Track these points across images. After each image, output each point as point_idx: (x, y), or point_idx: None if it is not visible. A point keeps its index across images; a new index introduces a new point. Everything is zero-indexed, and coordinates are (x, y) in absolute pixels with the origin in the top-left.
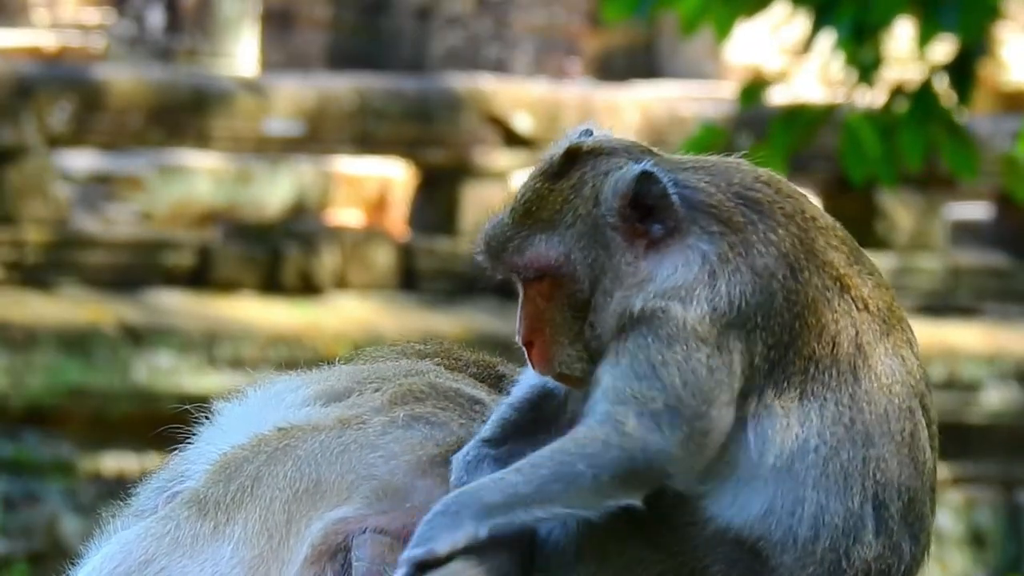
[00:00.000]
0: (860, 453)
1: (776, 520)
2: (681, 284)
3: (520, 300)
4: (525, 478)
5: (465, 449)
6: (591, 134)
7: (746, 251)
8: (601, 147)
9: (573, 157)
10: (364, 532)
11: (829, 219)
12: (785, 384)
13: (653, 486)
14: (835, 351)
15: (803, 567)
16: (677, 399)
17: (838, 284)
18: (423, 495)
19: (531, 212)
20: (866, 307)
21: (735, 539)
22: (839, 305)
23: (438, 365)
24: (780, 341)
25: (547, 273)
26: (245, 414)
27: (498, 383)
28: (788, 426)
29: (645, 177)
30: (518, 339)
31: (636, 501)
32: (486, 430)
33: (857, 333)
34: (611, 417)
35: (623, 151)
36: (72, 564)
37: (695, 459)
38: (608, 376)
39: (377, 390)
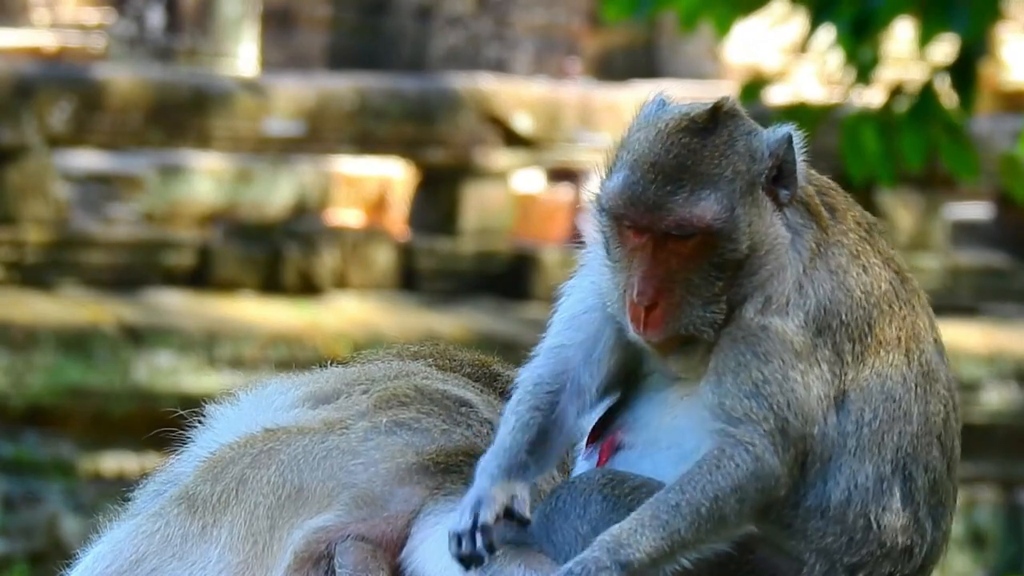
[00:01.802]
0: (897, 427)
1: (809, 483)
2: (781, 292)
3: (643, 261)
4: (687, 521)
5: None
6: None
7: (824, 251)
8: (737, 109)
9: (718, 114)
10: (346, 540)
11: (881, 226)
12: (862, 365)
13: (770, 508)
14: (899, 335)
15: (827, 535)
16: (784, 420)
17: (899, 277)
18: (401, 503)
19: (686, 167)
20: (919, 304)
21: None
22: (904, 295)
23: (431, 366)
24: (862, 332)
25: (706, 230)
26: (238, 417)
27: (492, 382)
28: (854, 401)
29: (789, 141)
30: (638, 300)
31: (752, 527)
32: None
33: (916, 320)
34: (738, 440)
35: (747, 116)
36: (71, 565)
37: (795, 478)
38: (713, 394)
39: (365, 392)
